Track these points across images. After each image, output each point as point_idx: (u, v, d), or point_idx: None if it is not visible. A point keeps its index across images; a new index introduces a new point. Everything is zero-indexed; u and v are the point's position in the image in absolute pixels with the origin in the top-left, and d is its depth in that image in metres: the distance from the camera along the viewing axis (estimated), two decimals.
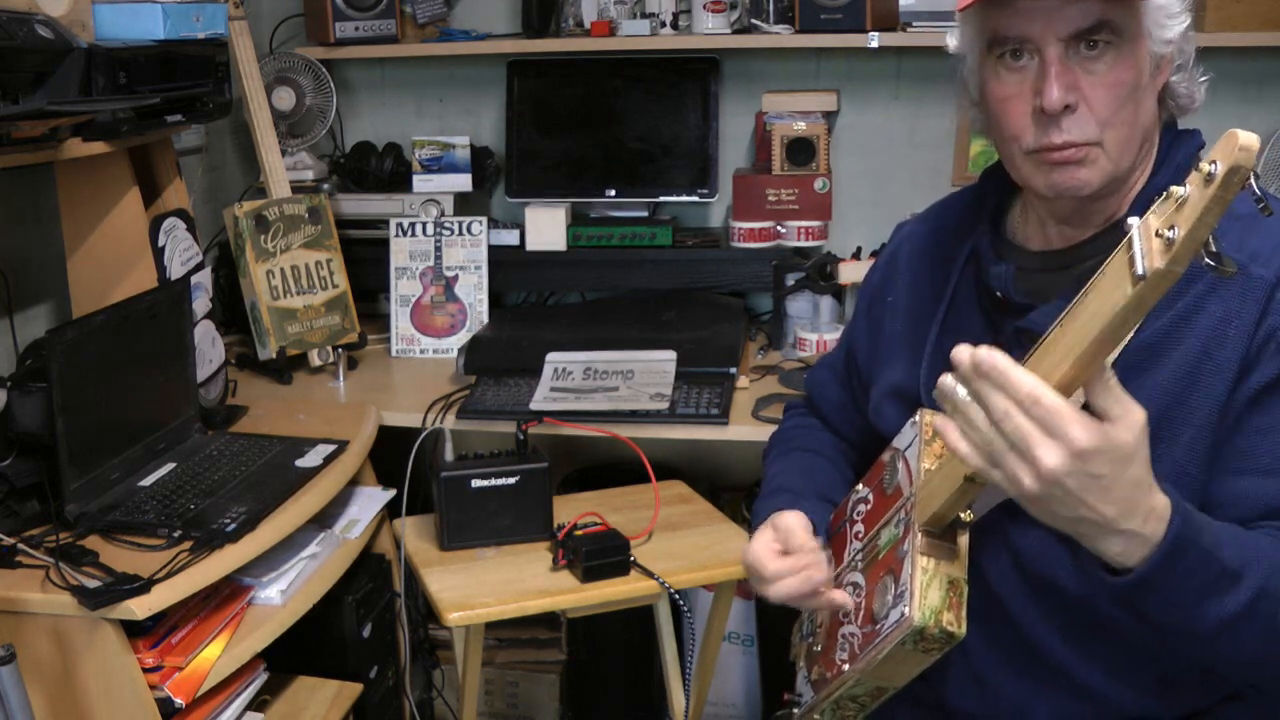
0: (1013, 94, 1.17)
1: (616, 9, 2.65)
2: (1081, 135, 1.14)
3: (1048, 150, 1.15)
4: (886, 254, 1.50)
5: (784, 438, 1.59)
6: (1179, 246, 0.82)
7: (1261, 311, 1.10)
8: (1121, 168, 1.16)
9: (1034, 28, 1.13)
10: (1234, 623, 1.00)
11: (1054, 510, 0.96)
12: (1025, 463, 0.93)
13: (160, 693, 1.60)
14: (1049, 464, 0.92)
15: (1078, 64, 1.13)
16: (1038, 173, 1.18)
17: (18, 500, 1.73)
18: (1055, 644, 1.20)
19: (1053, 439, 0.92)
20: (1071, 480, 0.92)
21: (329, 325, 2.49)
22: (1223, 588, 1.00)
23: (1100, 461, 0.92)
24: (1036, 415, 0.92)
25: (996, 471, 0.97)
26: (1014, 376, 0.92)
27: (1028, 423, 0.92)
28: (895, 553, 1.17)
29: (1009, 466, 0.95)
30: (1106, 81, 1.13)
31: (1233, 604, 1.00)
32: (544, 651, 2.67)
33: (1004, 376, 0.93)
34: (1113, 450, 0.92)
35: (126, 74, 1.80)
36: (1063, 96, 1.12)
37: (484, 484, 1.97)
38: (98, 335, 1.80)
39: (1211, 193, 0.80)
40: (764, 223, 2.61)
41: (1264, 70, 2.53)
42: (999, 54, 1.17)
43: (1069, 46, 1.13)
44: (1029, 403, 0.92)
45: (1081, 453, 0.91)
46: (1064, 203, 1.20)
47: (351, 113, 2.96)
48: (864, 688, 1.20)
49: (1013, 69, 1.16)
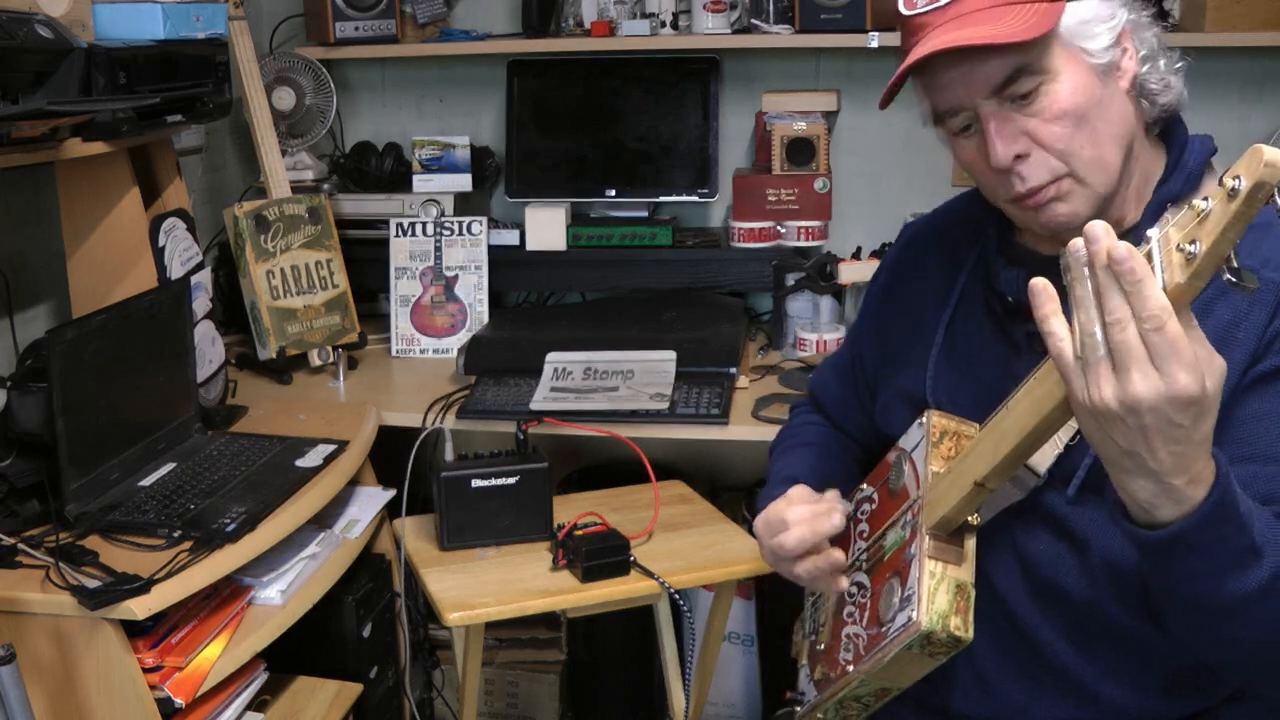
0: (974, 157, 1.19)
1: (616, 9, 2.65)
2: (1044, 175, 1.14)
3: (1019, 199, 1.16)
4: (892, 255, 1.50)
5: (790, 434, 1.58)
6: (1201, 261, 0.81)
7: (1271, 314, 1.10)
8: (1106, 185, 1.16)
9: (958, 95, 1.15)
10: (1253, 599, 0.98)
11: (1110, 434, 0.90)
12: (1114, 378, 0.87)
13: (160, 693, 1.60)
14: (1138, 391, 0.86)
15: (1016, 111, 1.13)
16: (1026, 217, 1.20)
17: (18, 500, 1.73)
18: (1059, 647, 1.20)
19: (1155, 370, 0.86)
20: (1150, 417, 0.87)
21: (329, 325, 2.49)
22: (1246, 563, 0.97)
23: (1187, 412, 0.87)
24: (1152, 339, 0.85)
25: (1075, 368, 0.90)
26: (1148, 287, 0.85)
27: (1139, 341, 0.86)
28: (902, 555, 1.17)
29: (1095, 372, 0.88)
30: (1050, 117, 1.13)
31: (1254, 580, 0.97)
32: (544, 651, 2.67)
33: (1138, 285, 0.85)
34: (1202, 403, 0.87)
35: (126, 74, 1.80)
36: (1007, 150, 1.13)
37: (484, 484, 1.97)
38: (98, 335, 1.79)
39: (1235, 208, 0.79)
40: (764, 223, 2.61)
41: (1264, 70, 2.54)
42: (947, 124, 1.19)
43: (1000, 100, 1.13)
44: (1152, 324, 0.84)
45: (1175, 397, 0.86)
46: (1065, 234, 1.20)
47: (351, 113, 2.96)
48: (868, 689, 1.20)
49: (966, 136, 1.18)
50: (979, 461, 1.08)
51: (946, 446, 1.20)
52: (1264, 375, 1.10)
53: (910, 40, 1.17)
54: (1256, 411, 1.10)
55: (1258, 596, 0.98)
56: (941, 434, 1.21)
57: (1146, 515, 0.96)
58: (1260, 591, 0.97)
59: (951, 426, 1.22)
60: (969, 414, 1.23)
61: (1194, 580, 0.98)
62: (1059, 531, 1.18)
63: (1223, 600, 0.98)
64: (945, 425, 1.22)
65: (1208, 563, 0.96)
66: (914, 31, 1.16)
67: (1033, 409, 1.00)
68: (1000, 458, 1.05)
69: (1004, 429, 1.04)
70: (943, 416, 1.23)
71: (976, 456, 1.09)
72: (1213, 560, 0.96)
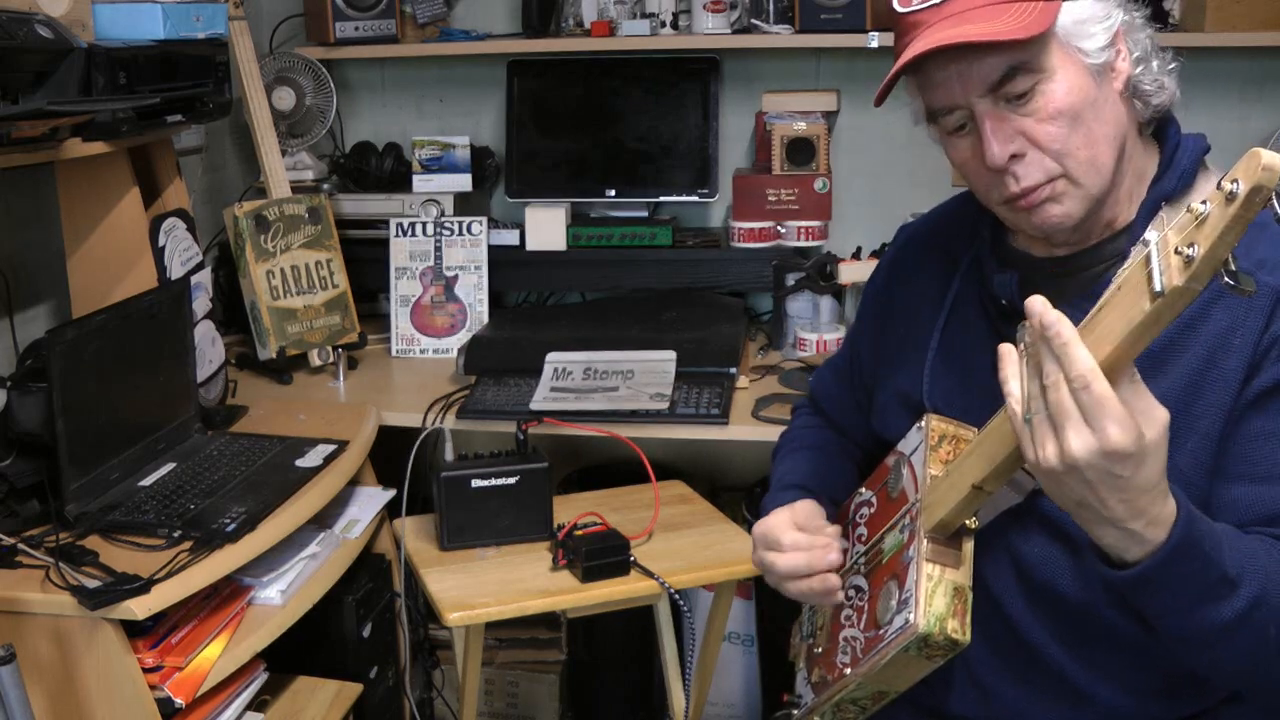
0: (967, 157, 1.19)
1: (616, 9, 2.65)
2: (1039, 176, 1.14)
3: (1013, 199, 1.16)
4: (889, 257, 1.50)
5: (792, 436, 1.58)
6: (1199, 264, 0.82)
7: (1267, 319, 1.10)
8: (1099, 187, 1.16)
9: (953, 94, 1.15)
10: (1229, 630, 1.00)
11: (1061, 489, 0.96)
12: (1054, 437, 0.93)
13: (160, 693, 1.60)
14: (1074, 450, 0.91)
15: (1012, 111, 1.13)
16: (1018, 218, 1.19)
17: (18, 500, 1.73)
18: (1055, 650, 1.20)
19: (1088, 427, 0.90)
20: (1091, 472, 0.92)
21: (329, 325, 2.49)
22: (1220, 594, 1.00)
23: (1125, 464, 0.91)
24: (1081, 399, 0.90)
25: (1025, 428, 0.96)
26: (1072, 351, 0.90)
27: (1070, 402, 0.91)
28: (900, 558, 1.17)
29: (1038, 431, 0.94)
30: (1046, 117, 1.12)
31: (1228, 611, 1.00)
32: (544, 651, 2.67)
33: (1063, 348, 0.91)
34: (1140, 455, 0.91)
35: (126, 74, 1.80)
36: (1003, 150, 1.13)
37: (484, 484, 1.97)
38: (98, 335, 1.79)
39: (1233, 212, 0.80)
40: (764, 223, 2.61)
41: (1264, 70, 2.54)
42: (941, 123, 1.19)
43: (996, 99, 1.13)
44: (1079, 383, 0.90)
45: (1110, 452, 0.90)
46: (1057, 235, 1.20)
47: (351, 113, 2.96)
48: (865, 691, 1.20)
49: (960, 135, 1.18)
50: (977, 465, 1.08)
51: (945, 450, 1.20)
52: (1265, 391, 1.10)
53: (904, 39, 1.16)
54: (1260, 430, 1.10)
55: (1235, 626, 1.00)
56: (940, 438, 1.21)
57: (1118, 556, 1.00)
58: (1236, 621, 1.00)
59: (950, 430, 1.22)
60: (965, 416, 1.24)
61: (1167, 614, 1.02)
62: (1054, 534, 1.18)
63: (1199, 631, 1.01)
64: (944, 429, 1.22)
65: (1177, 597, 1.00)
66: (908, 30, 1.16)
67: None
68: (998, 461, 1.05)
69: (1003, 433, 1.04)
70: (941, 420, 1.23)
71: (975, 460, 1.09)
72: (1180, 595, 1.00)
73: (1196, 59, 1.25)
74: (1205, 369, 1.11)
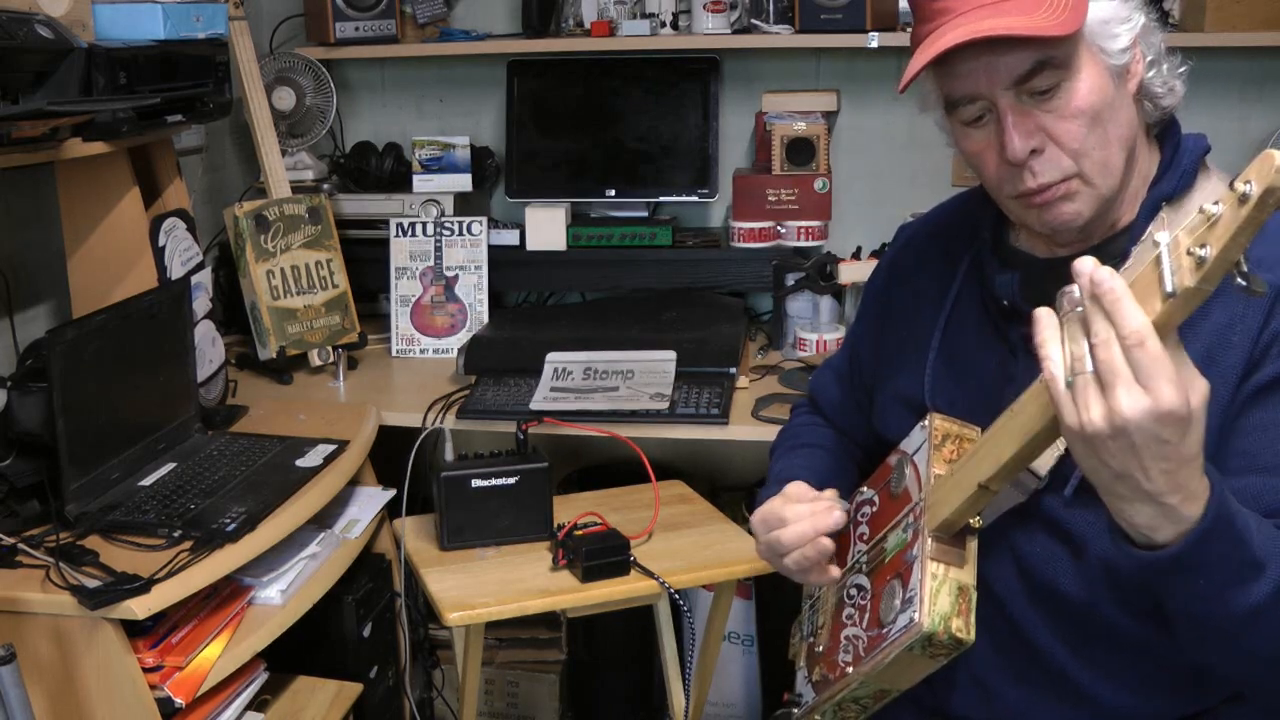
0: (982, 148, 1.18)
1: (616, 9, 2.65)
2: (1056, 174, 1.14)
3: (1027, 195, 1.16)
4: (888, 257, 1.50)
5: (790, 434, 1.58)
6: (1211, 265, 0.82)
7: (1266, 316, 1.10)
8: (1110, 188, 1.16)
9: (978, 85, 1.14)
10: (1254, 615, 0.98)
11: (1103, 459, 0.91)
12: (1102, 398, 0.88)
13: (160, 693, 1.60)
14: (1125, 409, 0.87)
15: (1034, 106, 1.13)
16: (1027, 214, 1.19)
17: (18, 500, 1.73)
18: (1057, 650, 1.20)
19: (1141, 387, 0.87)
20: (1139, 435, 0.88)
21: (329, 325, 2.49)
22: (1247, 577, 0.97)
23: (1175, 428, 0.88)
24: (1135, 357, 0.86)
25: (1066, 395, 0.91)
26: (1125, 307, 0.87)
27: (1122, 360, 0.87)
28: (903, 557, 1.17)
29: (1082, 394, 0.90)
30: (1067, 115, 1.12)
31: (1258, 593, 0.97)
32: (544, 651, 2.67)
33: (1115, 304, 0.87)
34: (1188, 418, 0.88)
35: (126, 74, 1.80)
36: (1024, 144, 1.13)
37: (484, 484, 1.97)
38: (98, 335, 1.79)
39: (1246, 213, 0.79)
40: (764, 223, 2.61)
41: (1264, 70, 2.54)
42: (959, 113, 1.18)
43: (1019, 93, 1.13)
44: (1133, 339, 0.86)
45: (1163, 413, 0.87)
46: (1063, 233, 1.20)
47: (351, 113, 2.96)
48: (867, 690, 1.20)
49: (977, 126, 1.17)
50: (983, 464, 1.08)
51: (949, 449, 1.20)
52: (1265, 385, 1.10)
53: (928, 25, 1.15)
54: (1259, 422, 1.10)
55: (1265, 609, 0.98)
56: (944, 437, 1.21)
57: (1146, 539, 0.96)
58: (1267, 604, 0.98)
59: (954, 429, 1.22)
60: (966, 416, 1.23)
61: (1199, 598, 0.99)
62: (1056, 533, 1.18)
63: (1229, 615, 0.98)
64: (947, 428, 1.22)
65: (1210, 579, 0.97)
66: (932, 17, 1.15)
67: (1040, 412, 1.00)
68: (1005, 460, 1.05)
69: (1009, 431, 1.04)
70: (945, 419, 1.23)
71: (980, 459, 1.09)
72: (1214, 576, 0.97)
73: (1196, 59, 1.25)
74: (1204, 365, 1.10)
